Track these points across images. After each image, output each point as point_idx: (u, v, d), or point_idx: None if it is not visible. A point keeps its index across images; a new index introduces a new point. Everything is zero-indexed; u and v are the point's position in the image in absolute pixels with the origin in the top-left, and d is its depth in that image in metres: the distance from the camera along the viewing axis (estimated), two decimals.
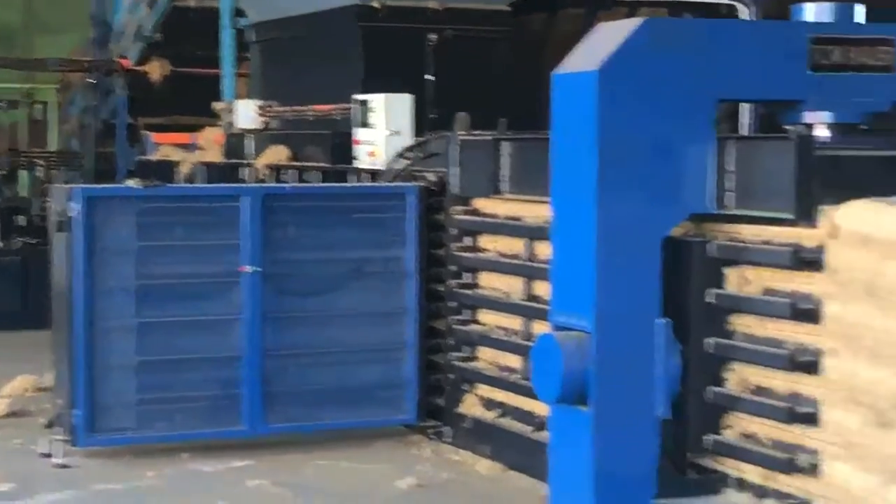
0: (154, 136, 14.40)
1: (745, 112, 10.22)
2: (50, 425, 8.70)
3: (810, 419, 6.48)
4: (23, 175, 15.60)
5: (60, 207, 8.63)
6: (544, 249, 7.82)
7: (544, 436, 7.44)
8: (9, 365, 10.84)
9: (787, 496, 6.59)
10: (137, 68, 15.50)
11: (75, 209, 8.40)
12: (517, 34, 11.44)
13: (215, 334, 8.78)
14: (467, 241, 9.06)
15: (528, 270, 8.33)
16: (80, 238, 8.40)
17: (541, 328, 7.48)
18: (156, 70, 15.29)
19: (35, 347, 10.54)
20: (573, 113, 6.81)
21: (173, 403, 8.67)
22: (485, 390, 8.85)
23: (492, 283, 8.88)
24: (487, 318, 8.94)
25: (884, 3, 8.93)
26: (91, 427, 8.47)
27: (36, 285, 10.83)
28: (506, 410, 8.60)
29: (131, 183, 9.69)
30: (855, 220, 6.32)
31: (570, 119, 6.84)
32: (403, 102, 10.03)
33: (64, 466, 8.40)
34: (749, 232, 6.86)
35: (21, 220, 13.97)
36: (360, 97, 10.27)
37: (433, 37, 10.89)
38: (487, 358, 8.90)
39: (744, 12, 10.98)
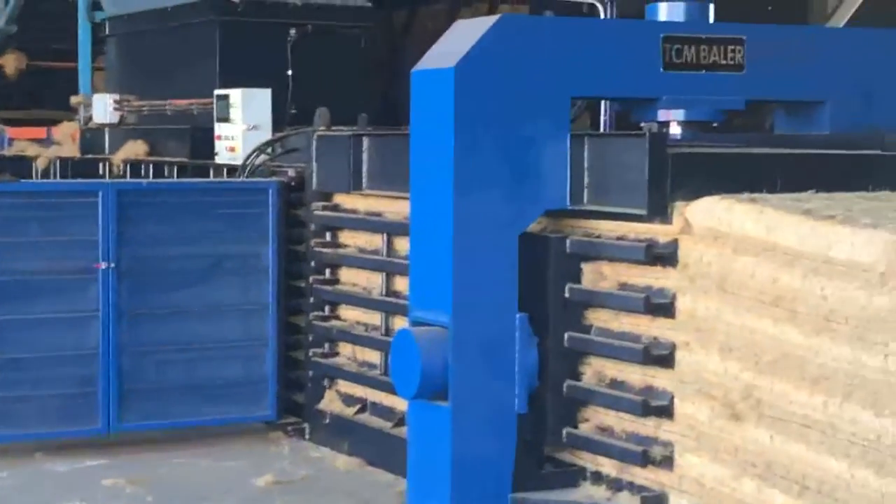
0: (9, 131, 14.22)
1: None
2: None
3: (664, 412, 6.61)
4: None
5: None
6: (404, 245, 7.85)
7: (403, 431, 7.47)
8: None
9: (642, 488, 6.70)
10: None
11: None
12: (379, 30, 11.42)
13: (71, 331, 8.68)
14: (328, 236, 9.05)
15: (388, 266, 8.38)
16: None
17: (401, 323, 7.48)
18: (11, 63, 15.12)
19: None
20: (431, 109, 6.85)
21: (27, 402, 8.56)
22: (345, 386, 8.87)
23: (352, 278, 8.92)
24: (348, 313, 8.96)
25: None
26: None
27: None
28: (365, 406, 8.62)
29: None
30: (706, 217, 6.43)
31: (428, 116, 6.89)
32: (262, 97, 9.99)
33: None
34: (605, 228, 6.95)
35: None
36: (220, 92, 10.24)
37: (293, 31, 10.85)
38: (347, 354, 8.92)
39: (601, 10, 11.09)
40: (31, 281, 8.59)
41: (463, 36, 6.83)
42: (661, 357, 6.58)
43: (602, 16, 11.08)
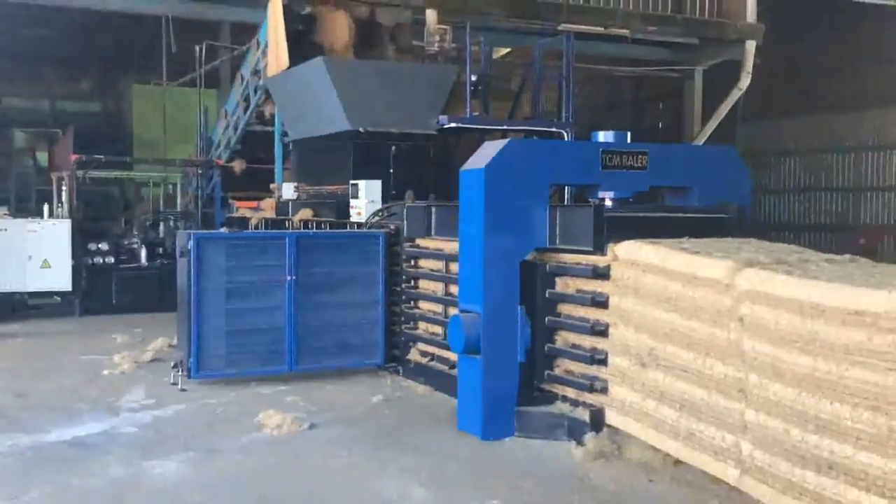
0: (236, 203, 14.27)
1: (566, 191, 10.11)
2: (175, 366, 8.52)
3: (603, 362, 6.53)
4: (160, 225, 15.45)
5: (182, 243, 8.48)
6: (454, 267, 7.73)
7: (454, 372, 7.35)
8: (152, 332, 10.69)
9: (590, 405, 6.59)
10: (226, 164, 15.36)
11: (191, 244, 8.25)
12: (440, 147, 11.35)
13: (271, 315, 8.52)
14: (412, 262, 8.92)
15: (446, 279, 8.27)
16: (194, 261, 8.23)
17: (452, 311, 7.38)
18: (237, 165, 15.15)
19: (167, 322, 10.30)
20: (471, 191, 6.78)
21: (245, 354, 8.48)
22: (422, 346, 8.74)
23: (426, 286, 8.79)
24: (423, 305, 8.83)
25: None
26: (199, 367, 8.31)
27: (167, 287, 10.61)
28: (433, 357, 8.49)
29: (223, 230, 9.64)
30: (626, 251, 6.37)
31: (470, 194, 6.81)
32: (376, 185, 9.91)
33: (183, 390, 8.22)
34: (568, 258, 6.86)
35: (159, 250, 13.81)
36: (353, 181, 10.14)
37: (393, 148, 10.74)
38: (423, 327, 8.78)
39: (565, 135, 10.99)
40: (248, 286, 8.45)
41: (488, 150, 6.79)
42: (601, 331, 6.52)
43: (565, 138, 11.00)
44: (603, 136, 7.40)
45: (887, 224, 20.37)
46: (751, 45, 15.75)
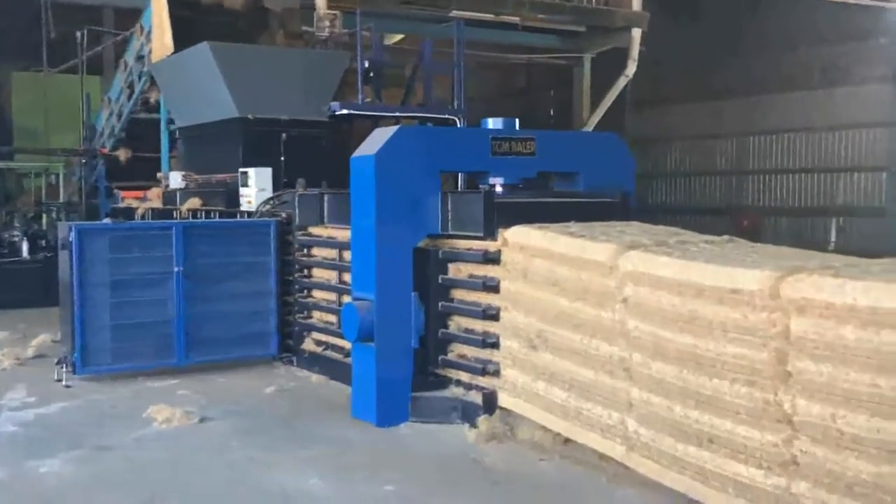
0: (122, 193, 13.89)
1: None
2: (59, 362, 8.27)
3: (495, 345, 6.61)
4: (43, 217, 14.95)
5: (63, 235, 8.24)
6: (348, 255, 7.70)
7: (349, 360, 7.31)
8: (35, 327, 10.32)
9: (483, 388, 6.66)
10: (111, 153, 14.95)
11: (72, 236, 8.01)
12: (332, 133, 11.25)
13: (159, 307, 8.38)
14: (305, 251, 8.86)
15: (340, 267, 8.23)
16: (76, 253, 8.01)
17: (346, 299, 7.33)
18: (122, 154, 14.78)
19: (50, 317, 9.97)
20: (362, 178, 6.76)
21: (133, 348, 8.31)
22: (316, 335, 8.71)
23: (319, 274, 8.77)
24: (317, 294, 8.80)
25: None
26: (84, 363, 8.12)
27: (51, 280, 10.24)
28: (328, 346, 8.47)
29: (106, 221, 9.38)
30: (516, 236, 6.47)
31: (361, 182, 6.79)
32: (266, 173, 9.78)
33: (68, 386, 7.99)
34: (461, 244, 6.91)
35: (42, 242, 13.38)
36: (242, 169, 9.99)
37: (284, 135, 10.59)
38: (317, 316, 8.75)
39: (458, 122, 11.06)
40: (135, 279, 8.28)
41: (379, 137, 6.78)
42: (492, 315, 6.60)
43: (458, 125, 11.07)
44: (492, 123, 7.46)
45: (769, 206, 21.24)
46: (636, 33, 16.15)
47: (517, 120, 7.49)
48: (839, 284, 4.30)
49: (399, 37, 18.26)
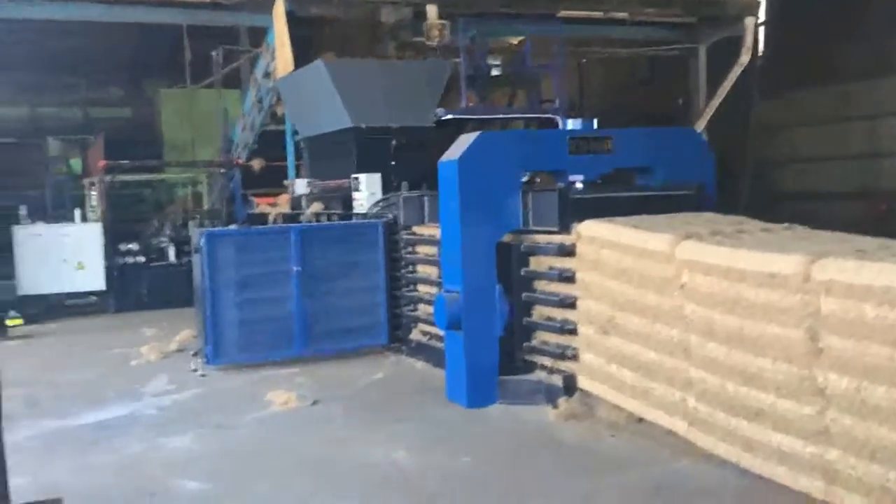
0: (256, 200, 14.80)
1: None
2: (195, 354, 9.22)
3: (573, 331, 7.01)
4: (189, 224, 16.12)
5: (196, 240, 9.12)
6: None
7: None
8: (179, 325, 11.24)
9: (563, 371, 7.10)
10: (246, 163, 15.98)
11: (202, 241, 8.88)
12: (440, 138, 11.71)
13: (281, 304, 9.12)
14: (410, 248, 9.41)
15: (438, 262, 8.56)
16: (206, 256, 8.85)
17: None
18: (256, 164, 15.70)
19: (193, 315, 10.67)
20: (448, 181, 7.29)
21: (257, 341, 9.07)
22: (422, 326, 9.23)
23: (423, 270, 9.30)
24: (421, 288, 9.32)
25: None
26: (216, 355, 8.96)
27: None
28: (431, 336, 8.97)
29: (232, 226, 10.28)
30: (587, 230, 6.88)
31: (447, 184, 7.32)
32: (375, 178, 10.41)
33: (203, 376, 8.89)
34: (540, 238, 7.33)
35: (186, 248, 14.48)
36: (355, 175, 10.66)
37: (394, 142, 11.21)
38: (422, 309, 9.24)
39: (559, 122, 11.39)
40: (259, 278, 9.00)
41: (463, 143, 7.31)
42: (570, 303, 7.01)
43: (559, 125, 11.38)
44: (571, 123, 7.89)
45: None
46: (750, 22, 16.09)
47: (595, 120, 7.88)
48: (858, 267, 4.65)
49: (521, 38, 18.72)
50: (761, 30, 16.82)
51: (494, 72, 13.72)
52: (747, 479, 5.29)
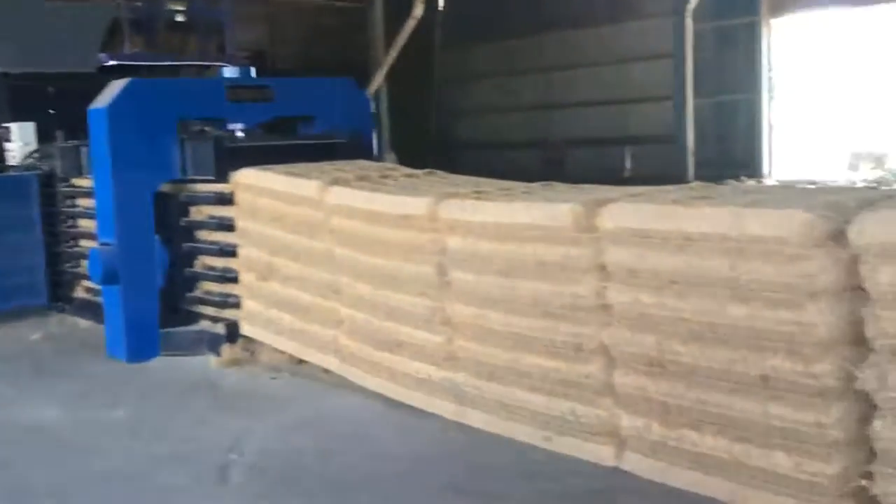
0: None
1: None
2: None
3: (234, 280, 7.11)
4: None
5: None
6: None
7: None
8: None
9: (227, 320, 7.20)
10: None
11: None
12: (95, 88, 11.27)
13: None
14: (68, 202, 9.04)
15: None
16: None
17: None
18: None
19: None
20: (98, 130, 7.08)
21: None
22: (86, 283, 8.82)
23: (85, 224, 8.89)
24: (84, 243, 8.89)
25: None
26: None
27: None
28: (97, 293, 8.46)
29: None
30: (244, 178, 6.96)
31: (97, 133, 7.10)
32: (29, 127, 9.82)
33: None
34: (199, 188, 7.34)
35: None
36: (4, 124, 10.02)
37: (51, 89, 10.66)
38: (85, 266, 8.84)
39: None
40: None
41: (112, 89, 7.12)
42: (230, 252, 7.10)
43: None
44: (230, 70, 7.92)
45: (572, 138, 22.50)
46: None
47: (253, 69, 7.96)
48: (475, 206, 5.15)
49: None
50: None
51: (179, 18, 13.30)
52: (392, 406, 5.70)
